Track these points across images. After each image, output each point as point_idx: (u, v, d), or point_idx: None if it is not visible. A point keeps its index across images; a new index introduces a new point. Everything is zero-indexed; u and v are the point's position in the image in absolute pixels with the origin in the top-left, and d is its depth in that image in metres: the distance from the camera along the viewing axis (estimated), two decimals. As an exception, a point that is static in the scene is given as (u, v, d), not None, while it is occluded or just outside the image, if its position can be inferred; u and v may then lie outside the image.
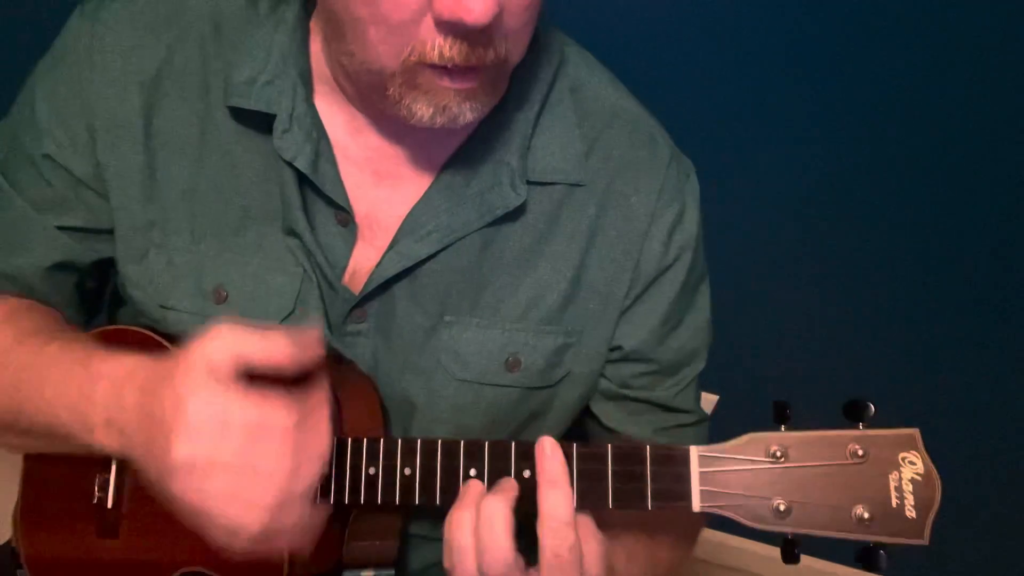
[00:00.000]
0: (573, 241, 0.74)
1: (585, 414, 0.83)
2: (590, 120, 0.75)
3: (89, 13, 0.71)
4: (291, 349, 0.57)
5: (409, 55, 0.58)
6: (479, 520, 0.58)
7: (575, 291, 0.75)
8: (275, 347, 0.56)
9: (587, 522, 0.59)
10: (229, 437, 0.54)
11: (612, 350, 0.78)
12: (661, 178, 0.76)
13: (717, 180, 0.89)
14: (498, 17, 0.55)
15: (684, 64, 1.22)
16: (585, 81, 0.76)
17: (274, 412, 0.56)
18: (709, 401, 1.54)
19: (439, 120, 0.61)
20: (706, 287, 0.82)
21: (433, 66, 0.58)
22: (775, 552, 0.58)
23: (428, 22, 0.56)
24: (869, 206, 1.30)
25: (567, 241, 0.74)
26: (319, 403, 0.59)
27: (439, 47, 0.56)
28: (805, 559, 1.78)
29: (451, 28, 0.56)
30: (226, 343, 0.56)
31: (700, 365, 0.83)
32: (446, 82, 0.59)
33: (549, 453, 0.59)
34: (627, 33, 1.19)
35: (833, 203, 1.31)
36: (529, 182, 0.71)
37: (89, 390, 0.62)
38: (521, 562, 0.58)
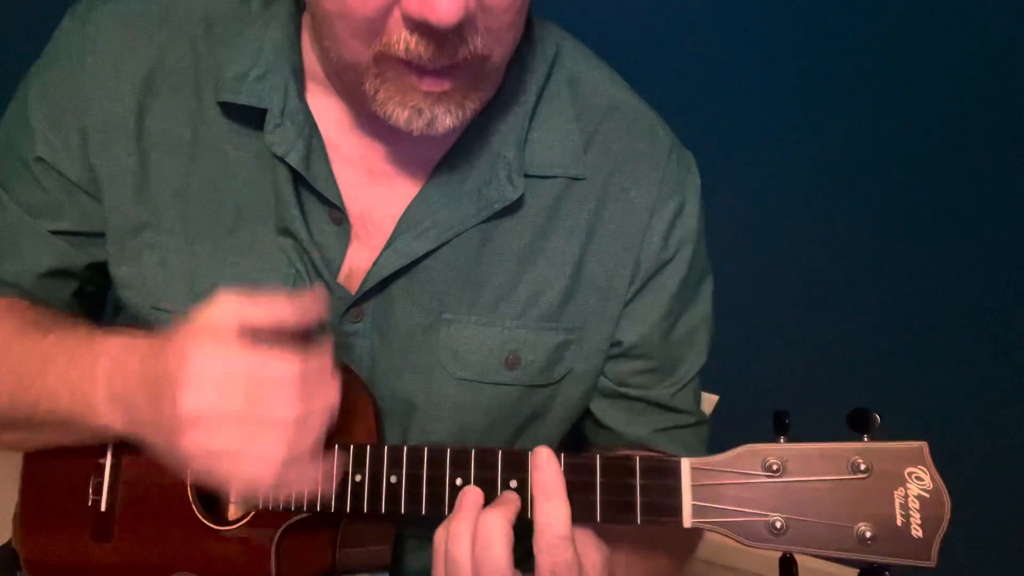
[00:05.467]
0: (572, 236, 0.73)
1: (583, 413, 0.81)
2: (588, 113, 0.74)
3: (80, 14, 0.71)
4: (294, 308, 0.57)
5: (376, 46, 0.57)
6: (477, 534, 0.56)
7: (575, 287, 0.74)
8: (278, 308, 0.57)
9: (586, 534, 0.57)
10: (235, 388, 0.54)
11: (612, 346, 0.76)
12: (661, 171, 0.74)
13: (720, 177, 0.87)
14: (470, 18, 0.54)
15: (684, 58, 1.20)
16: (583, 74, 0.75)
17: (279, 362, 0.55)
18: (709, 401, 1.51)
19: (416, 125, 0.60)
20: (708, 284, 0.80)
21: (401, 61, 0.56)
22: (775, 551, 0.54)
23: (397, 16, 0.55)
24: (875, 206, 1.27)
25: (566, 237, 0.73)
26: (323, 354, 0.58)
27: (405, 41, 0.55)
28: (804, 559, 1.74)
29: (418, 27, 0.55)
30: (230, 308, 0.56)
31: (699, 363, 0.81)
32: (414, 80, 0.58)
33: (544, 464, 0.56)
34: (626, 29, 1.17)
35: (837, 202, 1.28)
36: (527, 175, 0.70)
37: (91, 367, 0.62)
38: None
